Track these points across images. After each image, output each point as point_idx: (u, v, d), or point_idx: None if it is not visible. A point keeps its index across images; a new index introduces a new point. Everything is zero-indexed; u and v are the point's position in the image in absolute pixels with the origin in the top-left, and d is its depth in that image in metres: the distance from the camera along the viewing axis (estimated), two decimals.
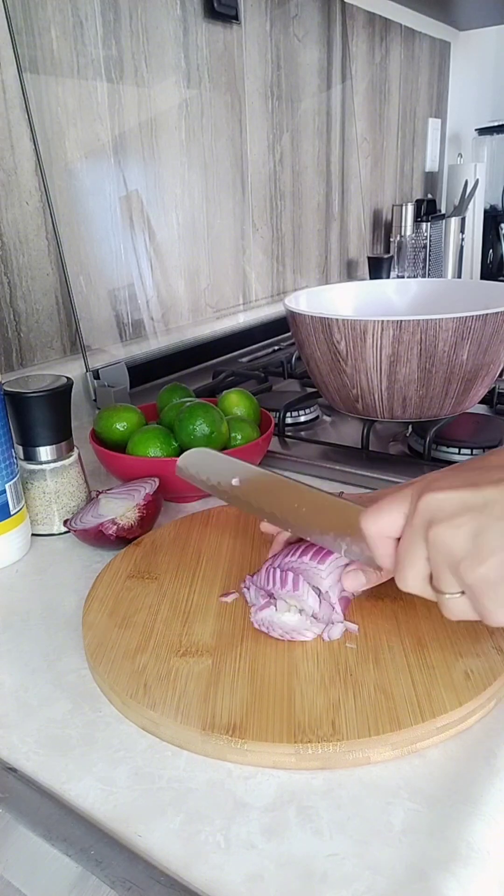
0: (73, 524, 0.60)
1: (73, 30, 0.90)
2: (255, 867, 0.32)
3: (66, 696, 0.44)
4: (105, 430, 0.70)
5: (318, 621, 0.46)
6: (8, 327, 0.90)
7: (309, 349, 0.75)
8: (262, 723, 0.39)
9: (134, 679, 0.42)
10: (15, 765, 0.39)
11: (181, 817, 0.35)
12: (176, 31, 1.06)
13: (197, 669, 0.43)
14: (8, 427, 0.58)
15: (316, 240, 1.51)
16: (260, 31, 1.23)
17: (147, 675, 0.43)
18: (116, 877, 0.32)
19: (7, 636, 0.50)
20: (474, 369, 0.71)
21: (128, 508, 0.59)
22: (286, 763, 0.37)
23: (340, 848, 0.33)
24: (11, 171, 0.86)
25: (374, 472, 0.71)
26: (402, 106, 1.78)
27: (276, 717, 0.39)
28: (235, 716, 0.39)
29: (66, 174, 0.92)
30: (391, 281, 0.93)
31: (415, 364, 0.69)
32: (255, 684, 0.42)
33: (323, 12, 1.38)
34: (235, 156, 1.23)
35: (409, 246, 1.73)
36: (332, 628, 0.45)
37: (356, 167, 1.61)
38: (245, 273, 1.30)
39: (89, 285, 0.97)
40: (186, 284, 1.17)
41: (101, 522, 0.58)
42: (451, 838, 0.33)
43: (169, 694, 0.41)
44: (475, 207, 1.89)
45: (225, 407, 0.74)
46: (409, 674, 0.42)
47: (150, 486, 0.62)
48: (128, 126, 1.00)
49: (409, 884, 0.31)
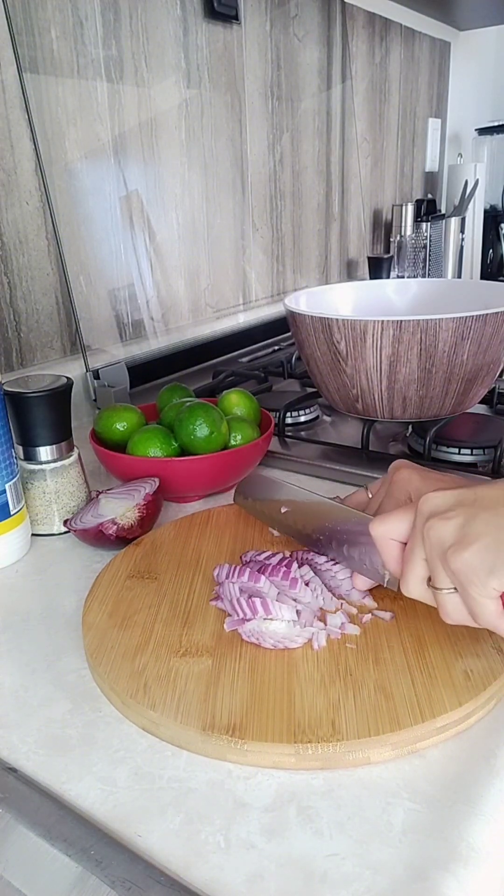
0: (73, 524, 0.60)
1: (73, 30, 0.90)
2: (256, 867, 0.32)
3: (66, 696, 0.44)
4: (105, 430, 0.70)
5: (306, 626, 0.46)
6: (8, 327, 0.90)
7: (309, 349, 0.75)
8: (262, 723, 0.39)
9: (134, 679, 0.42)
10: (15, 765, 0.39)
11: (181, 817, 0.35)
12: (176, 31, 1.06)
13: (197, 670, 0.43)
14: (8, 427, 0.58)
15: (316, 240, 1.51)
16: (260, 31, 1.23)
17: (147, 676, 0.43)
18: (116, 877, 0.32)
19: (7, 636, 0.50)
20: (474, 369, 0.71)
21: (128, 508, 0.59)
22: (286, 763, 0.37)
23: (340, 848, 0.33)
24: (11, 171, 0.86)
25: (374, 472, 0.71)
26: (402, 106, 1.78)
27: (275, 717, 0.39)
28: (235, 716, 0.39)
29: (66, 174, 0.92)
30: (391, 281, 0.93)
31: (415, 364, 0.69)
32: (254, 684, 0.41)
33: (323, 12, 1.38)
34: (235, 156, 1.23)
35: (409, 246, 1.73)
36: (319, 635, 0.45)
37: (356, 167, 1.61)
38: (245, 273, 1.30)
39: (89, 285, 0.97)
40: (186, 284, 1.17)
41: (102, 522, 0.58)
42: (451, 838, 0.33)
43: (169, 694, 0.41)
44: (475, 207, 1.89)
45: (225, 407, 0.74)
46: (409, 674, 0.42)
47: (150, 486, 0.62)
48: (128, 126, 1.00)
49: (409, 884, 0.31)
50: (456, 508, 0.39)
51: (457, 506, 0.39)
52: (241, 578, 0.48)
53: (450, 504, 0.40)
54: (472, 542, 0.38)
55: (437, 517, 0.40)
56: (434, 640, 0.45)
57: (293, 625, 0.46)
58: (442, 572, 0.40)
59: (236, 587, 0.48)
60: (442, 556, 0.39)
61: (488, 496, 0.39)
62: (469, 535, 0.38)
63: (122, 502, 0.60)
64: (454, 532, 0.39)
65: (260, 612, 0.46)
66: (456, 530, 0.39)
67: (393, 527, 0.43)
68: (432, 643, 0.45)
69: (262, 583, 0.48)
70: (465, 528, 0.38)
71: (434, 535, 0.39)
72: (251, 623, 0.45)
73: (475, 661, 0.43)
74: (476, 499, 0.39)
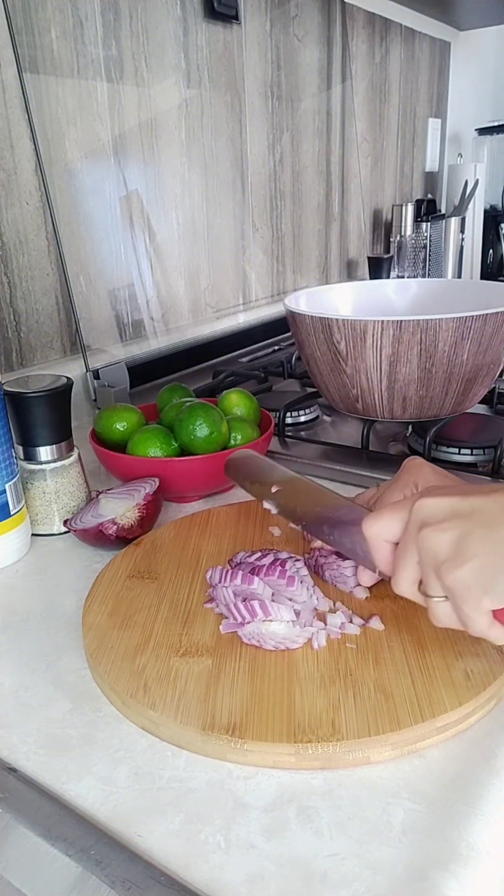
0: (73, 524, 0.60)
1: (73, 30, 0.90)
2: (255, 867, 0.32)
3: (66, 696, 0.44)
4: (105, 430, 0.70)
5: (306, 626, 0.46)
6: (8, 327, 0.90)
7: (309, 349, 0.75)
8: (262, 723, 0.39)
9: (134, 679, 0.42)
10: (15, 765, 0.39)
11: (181, 817, 0.35)
12: (176, 31, 1.06)
13: (197, 669, 0.43)
14: (8, 427, 0.59)
15: (316, 240, 1.51)
16: (260, 31, 1.23)
17: (147, 675, 0.43)
18: (116, 877, 0.32)
19: (7, 636, 0.50)
20: (474, 369, 0.71)
21: (128, 509, 0.59)
22: (286, 763, 0.37)
23: (340, 848, 0.33)
24: (11, 171, 0.86)
25: (374, 472, 0.71)
26: (402, 106, 1.78)
27: (276, 717, 0.39)
28: (235, 716, 0.39)
29: (66, 174, 0.92)
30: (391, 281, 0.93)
31: (415, 364, 0.69)
32: (255, 684, 0.41)
33: (323, 12, 1.38)
34: (235, 156, 1.23)
35: (409, 246, 1.73)
36: (319, 635, 0.45)
37: (356, 167, 1.61)
38: (245, 273, 1.30)
39: (89, 285, 0.97)
40: (186, 284, 1.17)
41: (102, 522, 0.58)
42: (451, 838, 0.33)
43: (169, 694, 0.41)
44: (475, 207, 1.89)
45: (225, 407, 0.74)
46: (410, 674, 0.42)
47: (150, 486, 0.62)
48: (128, 126, 1.00)
49: (409, 884, 0.31)
50: (451, 520, 0.39)
51: (452, 516, 0.39)
52: (234, 581, 0.48)
53: (445, 513, 0.39)
54: (467, 560, 0.37)
55: (431, 527, 0.39)
56: (434, 641, 0.45)
57: (293, 625, 0.46)
58: (435, 581, 0.40)
59: (230, 591, 0.48)
60: (436, 568, 0.39)
61: (486, 510, 0.38)
62: (464, 552, 0.37)
63: (122, 502, 0.60)
64: (449, 546, 0.38)
65: (259, 615, 0.46)
66: (451, 544, 0.38)
67: (386, 527, 0.43)
68: (432, 643, 0.45)
69: (256, 584, 0.48)
70: (460, 544, 0.38)
71: (428, 546, 0.39)
72: (250, 626, 0.45)
73: (475, 661, 0.43)
74: (473, 511, 0.38)
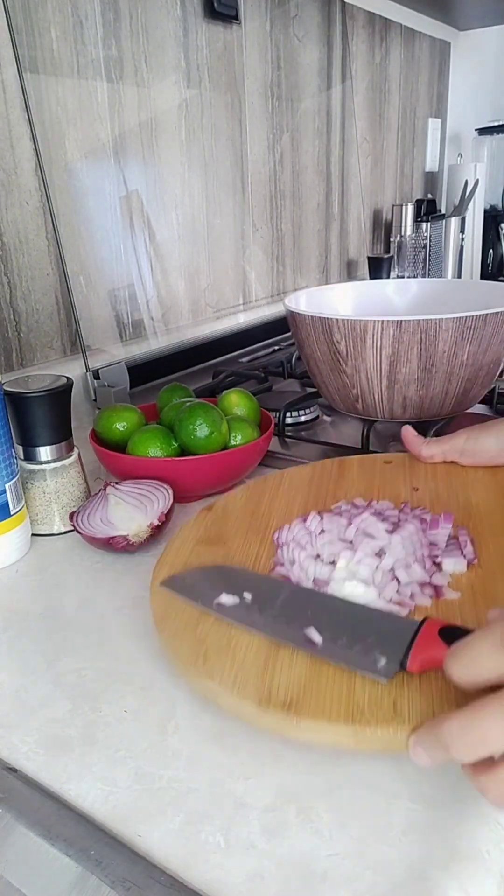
0: (79, 522, 0.59)
1: (73, 30, 0.90)
2: (256, 867, 0.32)
3: (66, 696, 0.44)
4: (105, 430, 0.70)
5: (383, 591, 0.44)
6: (8, 327, 0.90)
7: (309, 349, 0.75)
8: (319, 701, 0.37)
9: (194, 648, 0.42)
10: (15, 765, 0.39)
11: (181, 817, 0.35)
12: (176, 31, 1.06)
13: (256, 642, 0.42)
14: (8, 427, 0.58)
15: (316, 240, 1.51)
16: (260, 31, 1.23)
17: (208, 645, 0.42)
18: (116, 877, 0.32)
19: (7, 636, 0.50)
20: (474, 369, 0.71)
21: (140, 528, 0.58)
22: (344, 744, 0.36)
23: (340, 848, 0.33)
24: (11, 171, 0.86)
25: None
26: (402, 106, 1.78)
27: (333, 695, 0.37)
28: (292, 692, 0.38)
29: (66, 174, 0.92)
30: (391, 281, 0.93)
31: (415, 364, 0.69)
32: (314, 659, 0.40)
33: (323, 12, 1.38)
34: (235, 156, 1.23)
35: (409, 246, 1.73)
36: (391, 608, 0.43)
37: (356, 167, 1.61)
38: (245, 273, 1.30)
39: (89, 285, 0.97)
40: (186, 284, 1.17)
41: (113, 537, 0.57)
42: (451, 838, 0.33)
43: (227, 665, 0.40)
44: (475, 207, 1.89)
45: (225, 407, 0.74)
46: None
47: (163, 499, 0.60)
48: (128, 126, 1.00)
49: (409, 884, 0.31)
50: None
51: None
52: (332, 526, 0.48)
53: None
54: None
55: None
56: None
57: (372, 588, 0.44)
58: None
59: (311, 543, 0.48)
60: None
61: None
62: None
63: (135, 513, 0.59)
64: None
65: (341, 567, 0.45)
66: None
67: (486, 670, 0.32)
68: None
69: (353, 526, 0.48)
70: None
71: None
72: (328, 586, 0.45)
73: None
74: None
